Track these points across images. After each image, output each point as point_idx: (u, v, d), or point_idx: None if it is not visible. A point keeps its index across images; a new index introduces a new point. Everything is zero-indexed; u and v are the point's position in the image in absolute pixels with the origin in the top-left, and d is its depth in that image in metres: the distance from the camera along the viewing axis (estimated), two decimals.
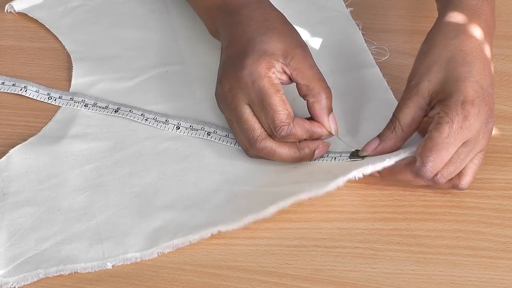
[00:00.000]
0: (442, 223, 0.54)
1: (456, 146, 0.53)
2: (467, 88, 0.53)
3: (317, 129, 0.58)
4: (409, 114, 0.55)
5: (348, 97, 0.63)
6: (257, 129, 0.56)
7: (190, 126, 0.61)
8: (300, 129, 0.57)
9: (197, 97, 0.64)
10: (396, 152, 0.56)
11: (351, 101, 0.63)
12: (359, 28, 0.69)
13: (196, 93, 0.64)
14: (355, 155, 0.57)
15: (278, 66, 0.56)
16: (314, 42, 0.68)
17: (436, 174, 0.53)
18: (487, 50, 0.57)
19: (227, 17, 0.61)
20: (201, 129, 0.61)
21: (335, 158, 0.58)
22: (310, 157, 0.58)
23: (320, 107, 0.57)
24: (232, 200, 0.56)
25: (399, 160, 0.54)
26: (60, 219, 0.56)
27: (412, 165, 0.54)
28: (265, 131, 0.57)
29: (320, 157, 0.58)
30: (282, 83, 0.57)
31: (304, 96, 0.58)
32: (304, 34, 0.68)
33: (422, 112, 0.55)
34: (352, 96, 0.63)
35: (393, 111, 0.56)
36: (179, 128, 0.62)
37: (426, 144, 0.53)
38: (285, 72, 0.57)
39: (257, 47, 0.56)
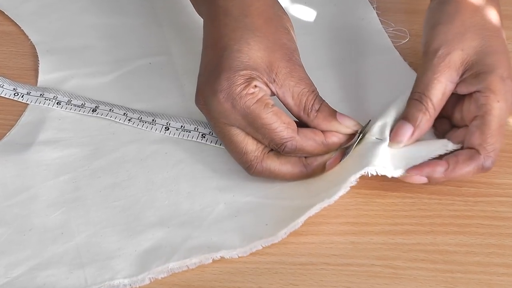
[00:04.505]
0: (473, 237, 0.56)
1: (505, 125, 0.56)
2: (506, 62, 0.57)
3: (333, 138, 0.58)
4: (441, 90, 0.57)
5: (363, 87, 0.65)
6: (250, 152, 0.57)
7: (182, 126, 0.64)
8: (311, 142, 0.57)
9: (187, 92, 0.66)
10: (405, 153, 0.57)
11: (368, 91, 0.65)
12: (373, 8, 0.71)
13: (185, 88, 0.66)
14: (361, 136, 0.58)
15: (261, 81, 0.57)
16: (321, 25, 0.70)
17: None
18: None
19: (204, 2, 0.62)
20: (194, 130, 0.63)
21: (346, 153, 0.59)
22: (321, 172, 0.58)
23: (323, 118, 0.58)
24: (234, 215, 0.58)
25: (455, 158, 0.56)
26: (33, 240, 0.57)
27: (474, 160, 0.56)
28: (264, 149, 0.58)
29: None
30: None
31: (298, 117, 0.58)
32: (310, 15, 0.71)
33: (452, 86, 0.58)
34: (368, 85, 0.65)
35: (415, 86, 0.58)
36: (168, 129, 0.64)
37: (485, 132, 0.56)
38: (269, 88, 0.57)
39: (235, 61, 0.57)
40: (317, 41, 0.69)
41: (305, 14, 0.71)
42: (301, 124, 0.58)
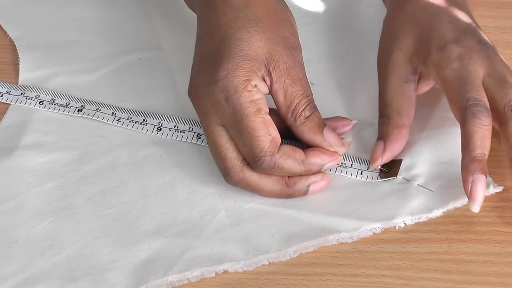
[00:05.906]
0: (491, 245, 0.57)
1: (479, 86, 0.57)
2: (442, 31, 0.58)
3: (315, 159, 0.58)
4: (396, 92, 0.59)
5: (371, 81, 0.65)
6: (230, 158, 0.57)
7: (175, 126, 0.64)
8: (290, 161, 0.57)
9: (180, 90, 0.66)
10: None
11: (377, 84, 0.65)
12: None
13: (178, 85, 0.66)
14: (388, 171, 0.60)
15: (259, 74, 0.57)
16: (323, 15, 0.70)
17: None
18: None
19: None
20: (188, 130, 0.63)
21: (361, 172, 0.60)
22: (303, 194, 0.59)
23: (309, 128, 0.58)
24: (236, 223, 0.58)
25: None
26: (19, 253, 0.57)
27: None
28: (244, 159, 0.57)
29: (342, 166, 0.60)
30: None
31: (285, 118, 0.58)
32: (311, 5, 0.71)
33: (410, 85, 0.60)
34: (376, 78, 0.65)
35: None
36: (160, 129, 0.64)
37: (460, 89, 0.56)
38: (264, 81, 0.58)
39: (234, 49, 0.57)
40: (320, 32, 0.69)
41: (307, 2, 0.71)
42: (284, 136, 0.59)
